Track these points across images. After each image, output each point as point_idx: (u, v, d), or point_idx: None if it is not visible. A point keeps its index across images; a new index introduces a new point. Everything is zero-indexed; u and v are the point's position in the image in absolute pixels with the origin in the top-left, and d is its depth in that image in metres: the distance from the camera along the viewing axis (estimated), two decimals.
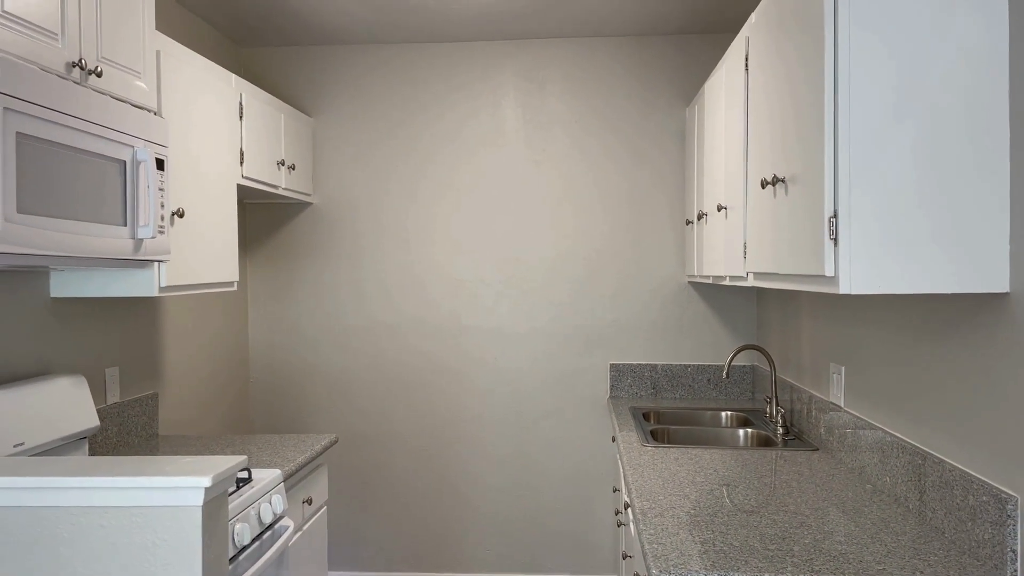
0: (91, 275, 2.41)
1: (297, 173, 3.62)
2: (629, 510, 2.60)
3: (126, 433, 2.79)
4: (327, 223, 3.91)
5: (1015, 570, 1.54)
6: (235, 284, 2.92)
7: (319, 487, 2.84)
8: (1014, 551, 1.54)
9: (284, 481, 2.43)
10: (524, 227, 3.87)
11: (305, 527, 2.71)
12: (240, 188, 3.18)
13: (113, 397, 2.75)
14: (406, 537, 3.90)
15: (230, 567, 1.98)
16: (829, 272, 1.63)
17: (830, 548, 1.72)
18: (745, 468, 2.43)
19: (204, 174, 2.67)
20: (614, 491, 3.76)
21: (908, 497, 2.00)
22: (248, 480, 2.26)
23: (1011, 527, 1.54)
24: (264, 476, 2.32)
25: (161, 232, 2.29)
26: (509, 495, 3.87)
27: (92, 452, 2.55)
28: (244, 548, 2.07)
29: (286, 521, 2.34)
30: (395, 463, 3.90)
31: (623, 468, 2.53)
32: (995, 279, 1.59)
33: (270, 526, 2.27)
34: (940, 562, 1.64)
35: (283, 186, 3.45)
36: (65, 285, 2.43)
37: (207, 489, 1.49)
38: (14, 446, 2.01)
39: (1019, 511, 1.54)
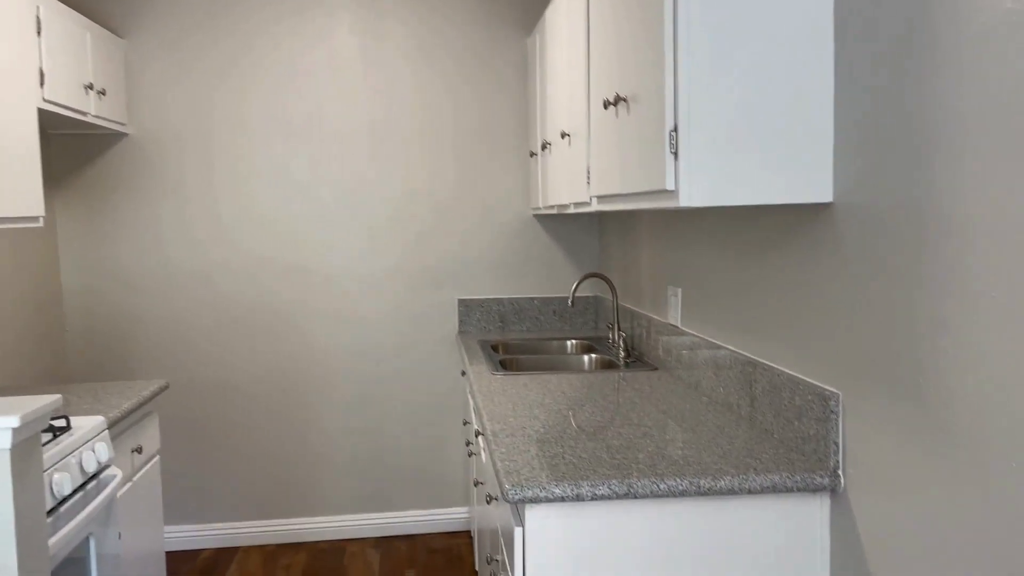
0: None
1: (109, 100, 3.30)
2: (480, 437, 2.61)
3: None
4: (147, 156, 3.61)
5: (837, 460, 1.65)
6: (40, 220, 2.63)
7: (150, 436, 2.66)
8: (836, 443, 1.65)
9: (109, 428, 2.25)
10: (367, 163, 3.73)
11: (135, 477, 2.53)
12: (42, 114, 2.85)
13: None
14: (253, 485, 3.76)
15: (50, 519, 1.81)
16: (670, 186, 1.66)
17: (671, 454, 1.79)
18: (590, 390, 2.48)
19: None
20: (465, 424, 3.78)
21: (740, 404, 2.11)
22: (67, 428, 2.07)
23: (834, 422, 1.65)
24: (85, 423, 2.13)
25: None
26: (359, 436, 3.80)
27: None
28: (65, 499, 1.91)
29: (113, 470, 2.17)
30: (238, 410, 3.73)
31: (474, 397, 2.53)
32: (820, 190, 1.67)
33: (95, 475, 2.10)
34: (771, 459, 1.74)
35: (93, 113, 3.14)
36: None
37: (15, 430, 1.34)
38: None
39: (840, 406, 1.65)
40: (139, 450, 2.52)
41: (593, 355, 3.14)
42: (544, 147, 3.17)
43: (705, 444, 1.86)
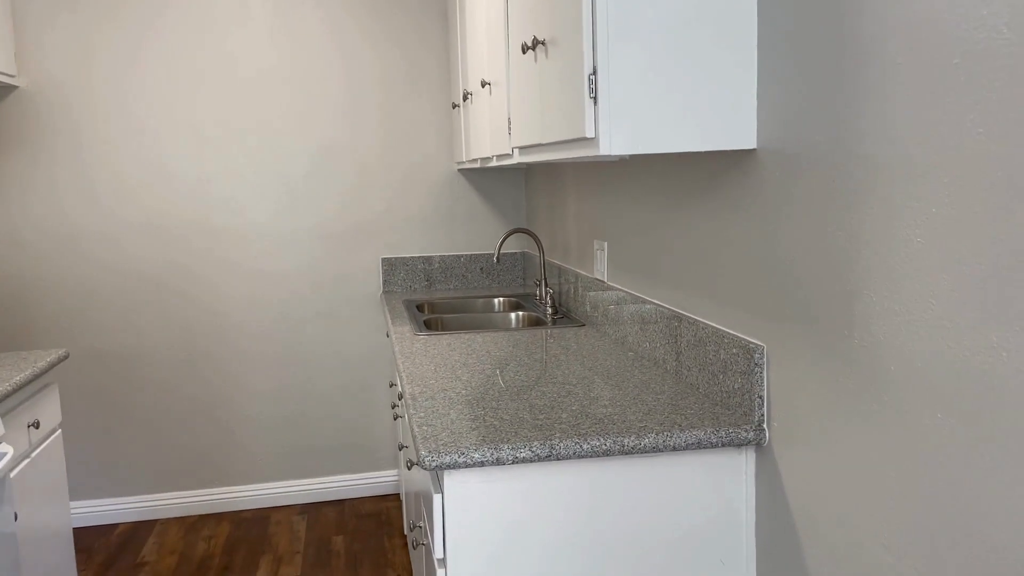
0: None
1: None
2: (403, 400, 2.52)
3: None
4: (40, 110, 3.36)
5: (762, 414, 1.62)
6: None
7: (49, 409, 2.50)
8: (761, 396, 1.61)
9: None
10: (282, 116, 3.55)
11: (34, 454, 2.37)
12: None
13: None
14: (169, 456, 3.60)
15: None
16: (590, 133, 1.57)
17: (596, 412, 1.73)
18: (516, 348, 2.41)
19: None
20: (391, 386, 3.69)
21: (666, 359, 2.07)
22: None
23: (758, 375, 1.61)
24: None
25: None
26: (281, 402, 3.68)
27: None
28: None
29: (3, 448, 2.01)
30: (148, 379, 3.55)
31: (396, 359, 2.43)
32: (744, 136, 1.61)
33: None
34: (696, 415, 1.70)
35: None
36: None
37: None
38: None
39: (765, 359, 1.61)
40: (36, 424, 2.36)
41: (520, 312, 3.07)
42: (466, 97, 3.05)
43: (630, 401, 1.81)
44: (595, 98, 1.55)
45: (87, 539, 3.41)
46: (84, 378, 3.49)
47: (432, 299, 3.41)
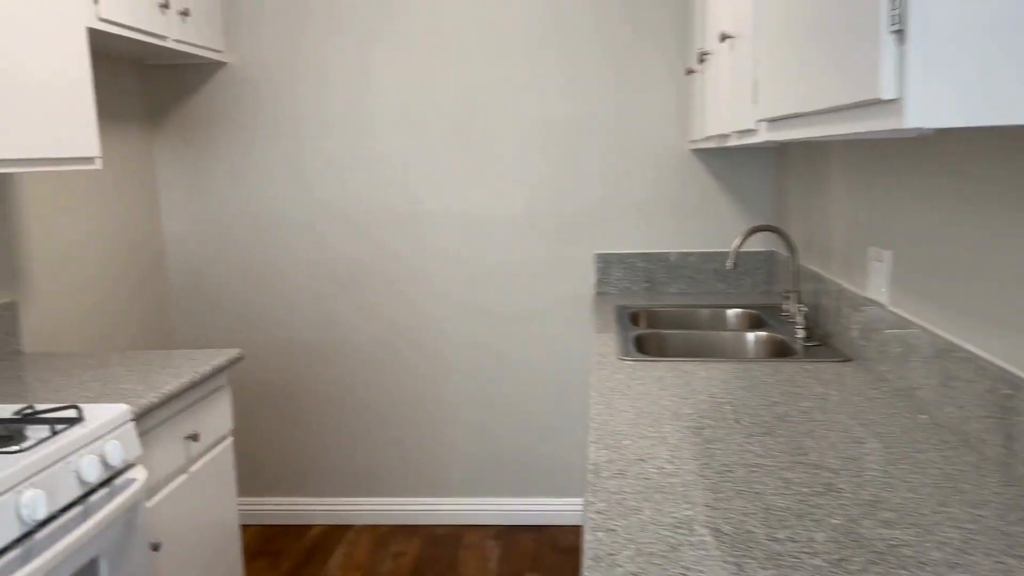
0: None
1: (195, 21, 2.89)
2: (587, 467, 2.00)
3: None
4: (248, 88, 3.20)
5: None
6: (96, 161, 2.25)
7: (214, 418, 2.27)
8: None
9: (136, 420, 1.84)
10: (489, 94, 3.13)
11: (193, 468, 2.14)
12: (104, 36, 2.47)
13: None
14: (359, 459, 3.37)
15: (16, 551, 1.41)
16: (888, 93, 0.94)
17: (874, 534, 1.10)
18: (752, 390, 1.80)
19: (15, 9, 1.96)
20: None
21: (985, 440, 1.37)
22: (78, 420, 1.67)
23: None
24: (102, 414, 1.72)
25: None
26: (477, 410, 3.30)
27: None
28: (45, 522, 1.50)
29: (134, 473, 1.76)
30: (342, 375, 3.32)
31: (590, 393, 1.91)
32: None
33: (107, 482, 1.69)
34: None
35: (174, 37, 2.73)
36: None
37: None
38: None
39: None
40: (194, 437, 2.12)
41: (761, 333, 2.42)
42: (702, 59, 2.43)
43: (931, 513, 1.16)
44: (900, 32, 0.92)
45: (281, 540, 3.26)
46: (278, 368, 3.33)
47: (651, 306, 2.84)
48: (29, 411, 1.73)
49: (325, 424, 3.36)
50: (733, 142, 2.09)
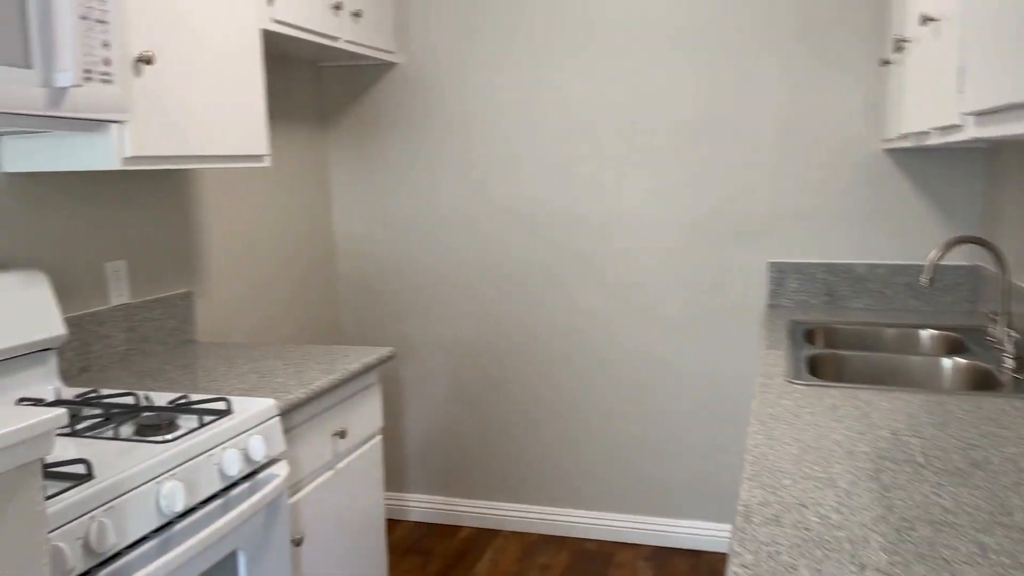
0: (39, 141, 1.89)
1: (367, 22, 2.93)
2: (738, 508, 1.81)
3: (141, 340, 2.33)
4: (418, 88, 3.22)
5: None
6: (265, 159, 2.32)
7: (363, 416, 2.27)
8: None
9: (283, 415, 1.85)
10: (650, 80, 2.97)
11: (339, 465, 2.15)
12: (279, 38, 2.55)
13: (119, 297, 2.28)
14: (511, 463, 3.30)
15: (155, 541, 1.43)
16: None
17: None
18: (944, 429, 1.54)
19: (195, 10, 2.04)
20: None
21: None
22: (226, 413, 1.70)
23: None
24: (249, 409, 1.74)
25: (107, 80, 1.70)
26: (633, 424, 3.15)
27: (67, 369, 2.10)
28: (189, 512, 1.53)
29: (277, 468, 1.77)
30: (496, 376, 3.28)
31: (750, 420, 1.72)
32: None
33: (250, 476, 1.71)
34: None
35: (346, 38, 2.78)
36: (17, 156, 1.93)
37: None
38: None
39: None
40: (342, 434, 2.13)
41: (959, 359, 2.11)
42: (899, 47, 2.15)
43: None
44: None
45: (431, 539, 3.26)
46: (438, 366, 3.33)
47: (830, 322, 2.57)
48: (183, 401, 1.78)
49: (479, 425, 3.32)
50: (933, 140, 1.82)
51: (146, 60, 1.86)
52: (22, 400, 1.77)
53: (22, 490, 1.00)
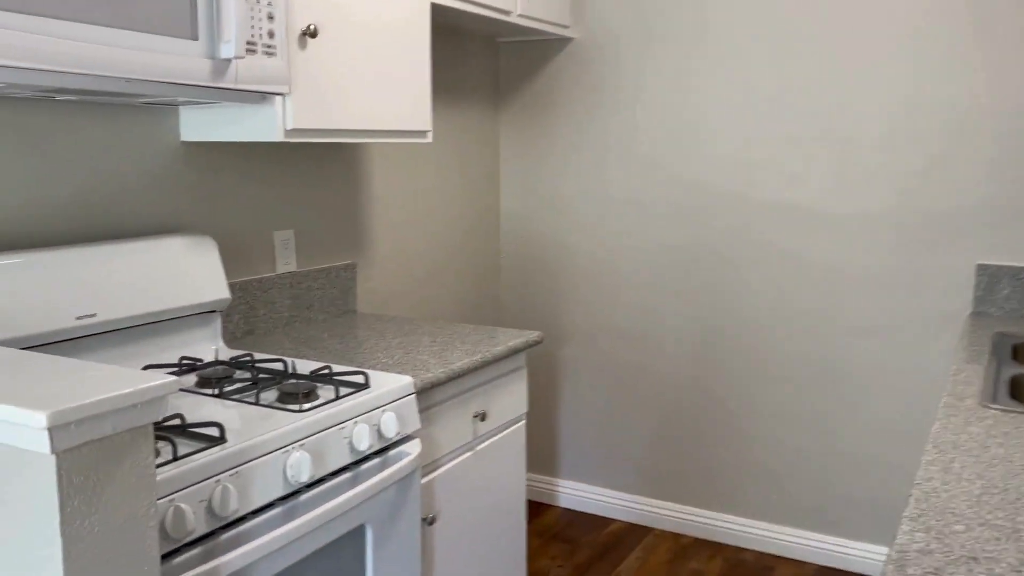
0: (212, 113, 1.97)
1: None
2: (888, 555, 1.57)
3: (304, 307, 2.41)
4: (592, 64, 3.11)
5: None
6: (427, 135, 2.32)
7: (506, 399, 2.22)
8: None
9: (420, 393, 1.84)
10: (852, 62, 2.68)
11: (479, 447, 2.12)
12: (451, 13, 2.53)
13: (286, 265, 2.37)
14: (667, 461, 3.15)
15: (281, 507, 1.46)
16: None
17: None
18: None
19: None
20: None
21: None
22: (364, 387, 1.70)
23: None
24: (385, 384, 1.74)
25: (270, 53, 1.75)
26: (807, 433, 2.90)
27: (233, 331, 2.20)
28: (316, 483, 1.54)
29: (410, 447, 1.76)
30: (655, 369, 3.13)
31: (926, 448, 1.50)
32: None
33: (381, 452, 1.71)
34: None
35: (519, 12, 2.72)
36: (193, 126, 2.03)
37: (53, 431, 0.93)
38: (77, 318, 1.67)
39: None
40: (482, 416, 2.09)
41: None
42: None
43: None
44: None
45: (577, 529, 3.19)
46: (595, 350, 3.23)
47: None
48: (325, 371, 1.80)
49: (638, 416, 3.20)
50: None
51: (311, 33, 1.89)
52: (183, 359, 1.87)
53: (131, 453, 1.02)
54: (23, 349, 1.60)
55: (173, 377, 1.05)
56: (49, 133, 1.77)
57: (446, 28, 2.94)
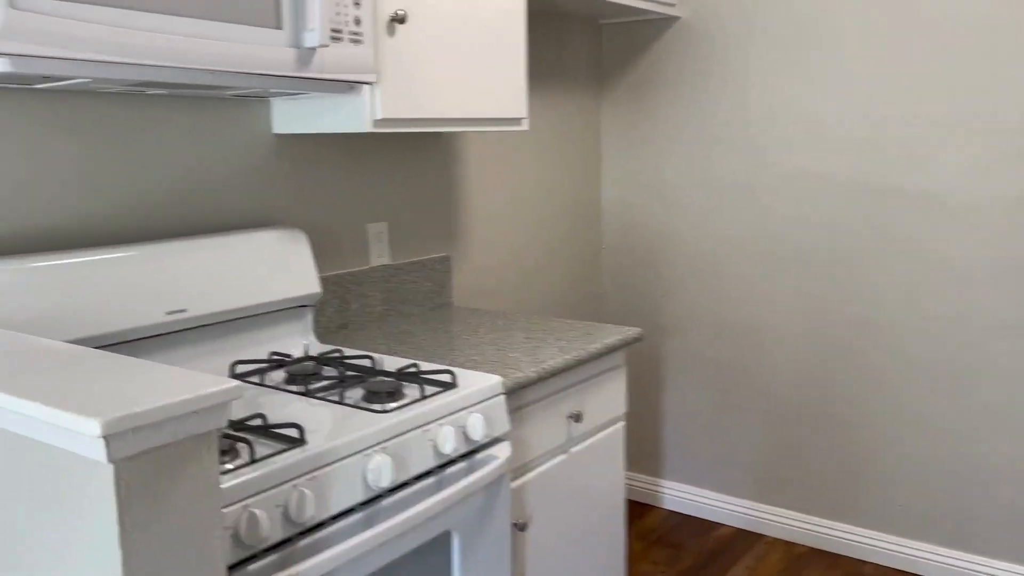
0: (302, 104, 1.94)
1: None
2: None
3: (398, 301, 2.37)
4: (699, 44, 2.93)
5: None
6: (523, 122, 2.23)
7: (603, 399, 2.11)
8: None
9: (510, 393, 1.75)
10: (987, 36, 2.41)
11: (574, 450, 2.02)
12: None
13: (380, 258, 2.33)
14: (783, 465, 2.96)
15: (361, 513, 1.40)
16: None
17: None
18: None
19: None
20: None
21: None
22: (451, 386, 1.63)
23: None
24: (473, 384, 1.66)
25: (356, 40, 1.69)
26: (942, 440, 2.65)
27: (327, 325, 2.17)
28: (400, 487, 1.48)
29: (498, 450, 1.67)
30: (771, 366, 2.93)
31: None
32: None
33: (468, 455, 1.63)
34: None
35: None
36: (285, 118, 2.00)
37: (109, 439, 0.89)
38: (167, 313, 1.67)
39: None
40: (577, 417, 1.99)
41: None
42: None
43: None
44: None
45: (684, 532, 3.05)
46: (702, 347, 3.07)
47: None
48: (412, 369, 1.74)
49: (750, 417, 3.02)
50: None
51: (399, 20, 1.82)
52: (273, 354, 1.85)
53: (193, 461, 0.97)
54: (113, 344, 1.61)
55: (236, 382, 1.00)
56: (139, 128, 1.77)
57: (546, 11, 2.84)
